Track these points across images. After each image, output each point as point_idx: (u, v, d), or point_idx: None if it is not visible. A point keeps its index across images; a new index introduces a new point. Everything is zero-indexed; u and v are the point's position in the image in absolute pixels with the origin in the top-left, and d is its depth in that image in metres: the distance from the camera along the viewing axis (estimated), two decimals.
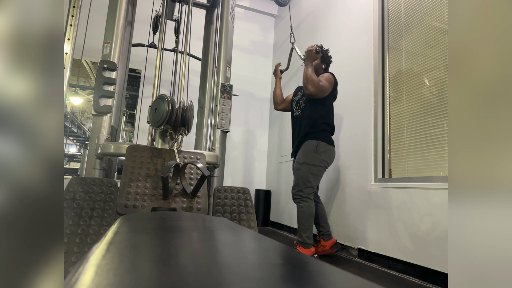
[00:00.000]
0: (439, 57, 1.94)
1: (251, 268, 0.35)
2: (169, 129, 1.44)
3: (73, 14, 2.11)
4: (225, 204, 1.45)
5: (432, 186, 1.76)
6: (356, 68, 2.58)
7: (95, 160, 1.78)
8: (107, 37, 1.95)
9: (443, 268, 1.64)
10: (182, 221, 0.77)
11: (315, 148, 2.15)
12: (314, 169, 2.15)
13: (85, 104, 4.56)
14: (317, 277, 0.32)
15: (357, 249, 2.29)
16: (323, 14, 3.26)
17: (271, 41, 4.62)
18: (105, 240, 0.48)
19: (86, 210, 1.15)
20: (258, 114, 4.37)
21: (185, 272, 0.32)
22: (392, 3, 2.39)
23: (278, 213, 3.73)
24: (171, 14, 2.74)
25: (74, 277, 0.30)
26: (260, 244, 0.52)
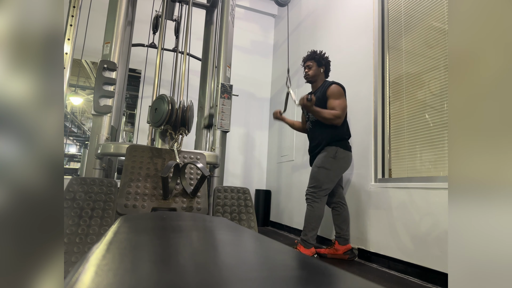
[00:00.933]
0: (439, 57, 1.94)
1: (251, 268, 0.35)
2: (169, 129, 1.45)
3: (73, 14, 2.11)
4: (225, 204, 1.45)
5: (432, 186, 1.76)
6: (356, 68, 2.58)
7: (95, 160, 1.78)
8: (107, 37, 1.95)
9: (443, 268, 1.64)
10: (182, 221, 0.77)
11: (334, 154, 2.16)
12: (331, 174, 2.16)
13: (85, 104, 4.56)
14: (317, 277, 0.32)
15: (357, 249, 2.29)
16: (323, 14, 3.26)
17: (271, 41, 4.62)
18: (105, 240, 0.48)
19: (86, 210, 1.15)
20: (258, 114, 4.37)
21: (185, 272, 0.32)
22: (392, 3, 2.39)
23: (278, 213, 3.73)
24: (171, 14, 2.74)
25: (74, 277, 0.30)
26: (260, 244, 0.52)
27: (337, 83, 2.21)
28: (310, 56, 2.34)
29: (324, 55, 2.34)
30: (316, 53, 2.33)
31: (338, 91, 2.17)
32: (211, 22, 2.66)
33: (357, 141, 2.45)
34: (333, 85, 2.18)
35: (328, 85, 2.22)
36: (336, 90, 2.17)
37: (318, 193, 2.14)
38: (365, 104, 2.41)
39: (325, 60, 2.34)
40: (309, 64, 2.34)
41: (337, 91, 2.17)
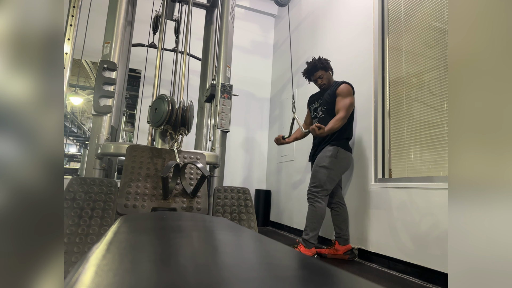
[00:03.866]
0: (439, 57, 1.94)
1: (251, 268, 0.35)
2: (169, 129, 1.44)
3: (73, 14, 2.11)
4: (225, 204, 1.45)
5: (432, 186, 1.76)
6: (356, 68, 2.58)
7: (95, 160, 1.78)
8: (107, 37, 1.95)
9: (443, 268, 1.64)
10: (182, 221, 0.77)
11: (336, 154, 2.17)
12: (332, 174, 2.17)
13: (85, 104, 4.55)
14: (317, 277, 0.32)
15: (357, 249, 2.29)
16: (323, 14, 3.26)
17: (271, 41, 4.62)
18: (105, 240, 0.48)
19: (86, 210, 1.15)
20: (258, 114, 4.37)
21: (185, 272, 0.32)
22: (392, 3, 2.39)
23: (278, 213, 3.73)
24: (171, 14, 2.74)
25: (74, 277, 0.30)
26: (260, 244, 0.52)
27: (347, 83, 2.24)
28: (315, 67, 2.32)
29: (323, 58, 2.34)
30: (318, 61, 2.31)
31: (348, 90, 2.20)
32: (211, 22, 2.67)
33: (357, 141, 2.45)
34: (343, 85, 2.22)
35: (338, 84, 2.25)
36: (346, 89, 2.20)
37: (320, 192, 2.15)
38: (365, 104, 2.42)
39: (327, 63, 2.35)
40: (319, 75, 2.33)
41: (346, 90, 2.19)
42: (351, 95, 2.20)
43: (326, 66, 2.32)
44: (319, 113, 2.33)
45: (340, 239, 2.24)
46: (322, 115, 2.29)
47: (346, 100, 2.16)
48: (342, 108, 2.15)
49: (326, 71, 2.33)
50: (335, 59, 2.79)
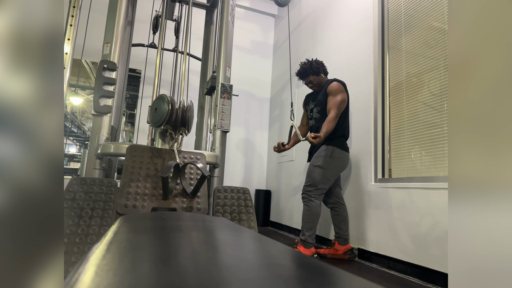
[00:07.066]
0: (439, 57, 1.94)
1: (251, 268, 0.35)
2: (169, 129, 1.45)
3: (73, 14, 2.11)
4: (225, 204, 1.45)
5: (432, 186, 1.76)
6: (356, 68, 2.58)
7: (95, 160, 1.78)
8: (107, 37, 1.95)
9: (443, 268, 1.64)
10: (182, 221, 0.77)
11: (330, 154, 2.17)
12: (327, 173, 2.17)
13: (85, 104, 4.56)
14: (317, 277, 0.32)
15: (357, 249, 2.29)
16: (323, 14, 3.26)
17: (271, 41, 4.62)
18: (105, 240, 0.48)
19: (86, 210, 1.15)
20: (258, 114, 4.37)
21: (185, 272, 0.32)
22: (392, 3, 2.39)
23: (278, 213, 3.73)
24: (171, 14, 2.74)
25: (74, 277, 0.30)
26: (260, 244, 0.52)
27: (337, 80, 2.22)
28: (305, 73, 2.30)
29: (313, 61, 2.30)
30: (308, 67, 2.28)
31: (337, 87, 2.18)
32: (211, 22, 2.67)
33: (357, 141, 2.45)
34: (332, 83, 2.21)
35: (328, 83, 2.24)
36: (335, 87, 2.18)
37: (314, 192, 2.15)
38: (365, 104, 2.41)
39: (318, 65, 2.30)
40: (310, 80, 2.32)
41: (335, 88, 2.18)
42: (341, 92, 2.17)
43: (316, 70, 2.28)
44: (314, 114, 2.33)
45: (340, 239, 2.24)
46: (318, 115, 2.30)
47: (336, 98, 2.15)
48: (332, 107, 2.13)
49: (318, 75, 2.29)
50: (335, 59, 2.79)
